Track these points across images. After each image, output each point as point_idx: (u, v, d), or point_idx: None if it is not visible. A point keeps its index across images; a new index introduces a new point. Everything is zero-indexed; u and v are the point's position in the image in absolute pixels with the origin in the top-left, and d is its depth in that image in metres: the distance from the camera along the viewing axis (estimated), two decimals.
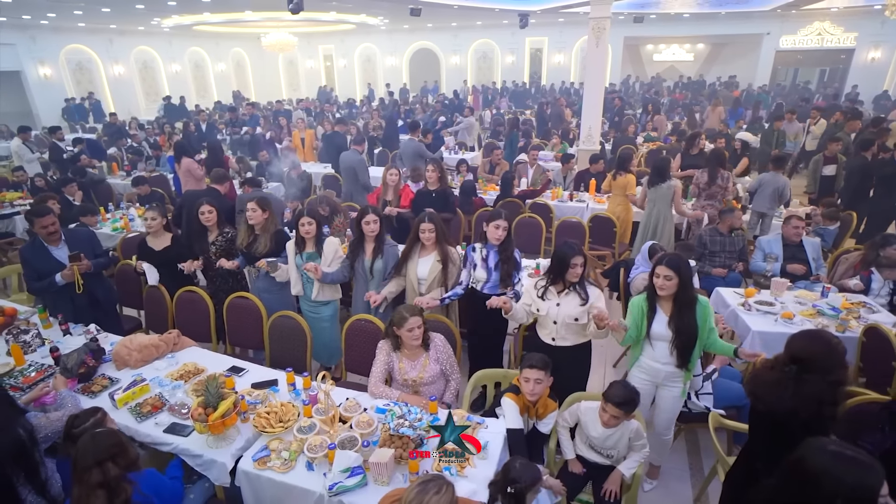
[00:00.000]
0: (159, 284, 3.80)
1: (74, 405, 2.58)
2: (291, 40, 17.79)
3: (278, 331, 3.39)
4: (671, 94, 18.97)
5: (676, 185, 5.16)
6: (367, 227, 3.45)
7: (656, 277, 2.60)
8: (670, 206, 5.19)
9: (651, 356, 2.73)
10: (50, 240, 3.47)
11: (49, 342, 3.21)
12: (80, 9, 12.04)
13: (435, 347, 2.84)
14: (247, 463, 2.29)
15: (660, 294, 2.60)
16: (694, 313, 2.57)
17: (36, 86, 15.25)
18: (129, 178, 7.93)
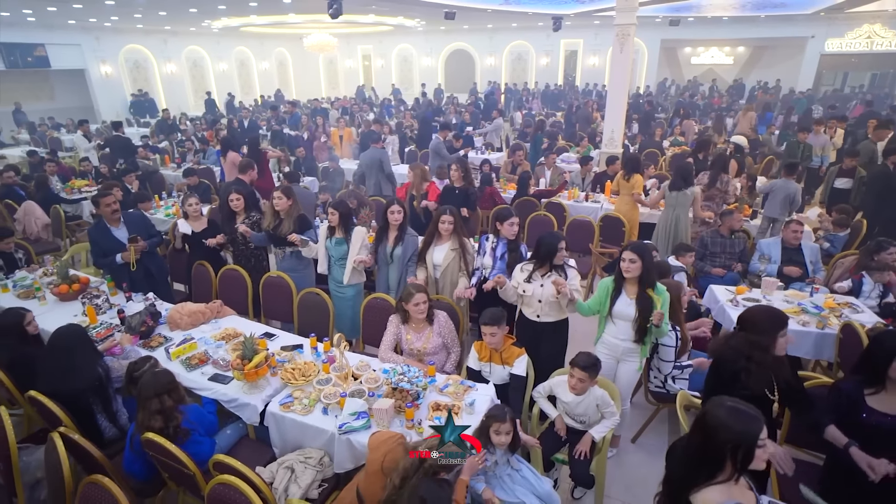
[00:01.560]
0: (204, 262, 4.37)
1: (136, 357, 3.12)
2: (332, 41, 18.51)
3: (305, 305, 3.89)
4: (707, 99, 18.73)
5: (697, 191, 5.38)
6: (392, 217, 3.89)
7: (622, 261, 2.95)
8: (689, 210, 5.42)
9: (612, 333, 3.10)
10: (111, 219, 4.09)
11: (116, 306, 3.80)
12: (139, 12, 13.02)
13: (438, 322, 3.26)
14: (274, 406, 2.77)
15: (626, 276, 2.94)
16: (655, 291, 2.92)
17: (98, 83, 16.48)
18: (179, 169, 8.68)
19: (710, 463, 1.61)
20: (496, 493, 2.46)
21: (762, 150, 10.03)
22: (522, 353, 3.03)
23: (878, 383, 2.19)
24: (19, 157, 10.04)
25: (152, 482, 2.66)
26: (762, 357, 2.19)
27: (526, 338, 3.42)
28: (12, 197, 6.58)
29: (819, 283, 4.36)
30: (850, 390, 2.25)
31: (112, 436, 2.85)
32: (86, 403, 2.75)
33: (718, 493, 1.57)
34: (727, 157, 5.86)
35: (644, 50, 21.21)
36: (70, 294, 3.95)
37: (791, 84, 19.13)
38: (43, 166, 7.89)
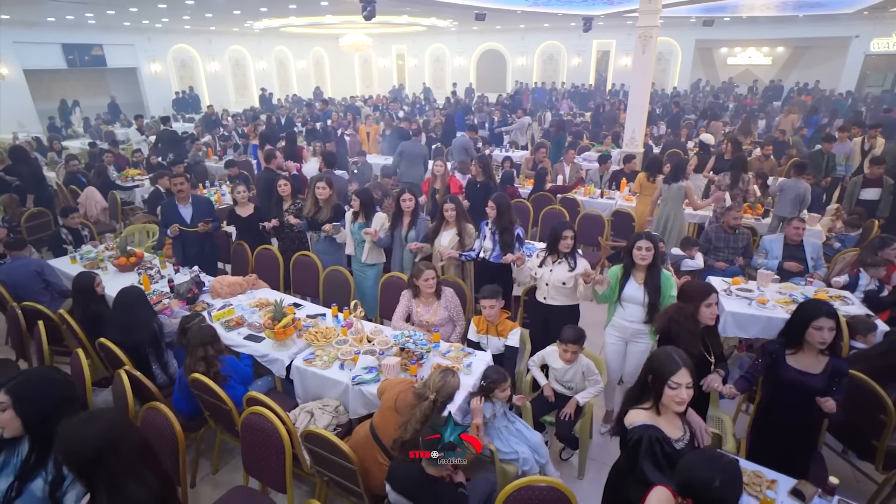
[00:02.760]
0: (242, 241, 4.88)
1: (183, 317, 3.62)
2: (367, 41, 19.12)
3: (330, 281, 4.35)
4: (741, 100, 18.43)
5: (687, 185, 5.59)
6: (404, 204, 4.32)
7: (638, 249, 3.22)
8: (681, 205, 5.63)
9: (622, 316, 3.37)
10: (179, 197, 4.66)
11: (166, 276, 4.34)
12: (188, 14, 13.87)
13: (445, 297, 3.64)
14: (298, 361, 3.21)
15: (640, 263, 3.23)
16: (660, 278, 3.21)
17: (148, 80, 17.55)
18: (220, 161, 9.34)
19: (639, 390, 1.95)
20: (493, 441, 2.83)
21: (789, 152, 9.97)
22: (516, 327, 3.38)
23: (797, 345, 2.51)
24: (78, 149, 10.96)
25: (196, 420, 3.14)
26: (688, 322, 2.52)
27: (536, 318, 3.78)
28: (76, 183, 7.31)
29: (817, 278, 4.53)
30: (774, 350, 2.59)
31: (163, 382, 3.35)
32: (143, 353, 3.26)
33: (638, 415, 1.91)
34: (745, 159, 6.01)
35: (677, 50, 21.01)
36: (128, 266, 4.52)
37: (832, 85, 18.61)
38: (101, 157, 8.66)
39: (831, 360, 2.49)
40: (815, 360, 2.50)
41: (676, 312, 2.59)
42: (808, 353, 2.51)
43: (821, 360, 2.50)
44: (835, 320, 2.41)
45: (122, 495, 1.50)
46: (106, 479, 1.50)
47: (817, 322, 2.42)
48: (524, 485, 2.11)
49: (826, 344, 2.44)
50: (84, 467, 1.50)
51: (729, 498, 1.48)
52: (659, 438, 1.86)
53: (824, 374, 2.48)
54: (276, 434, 2.46)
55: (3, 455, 1.78)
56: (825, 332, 2.41)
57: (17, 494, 1.70)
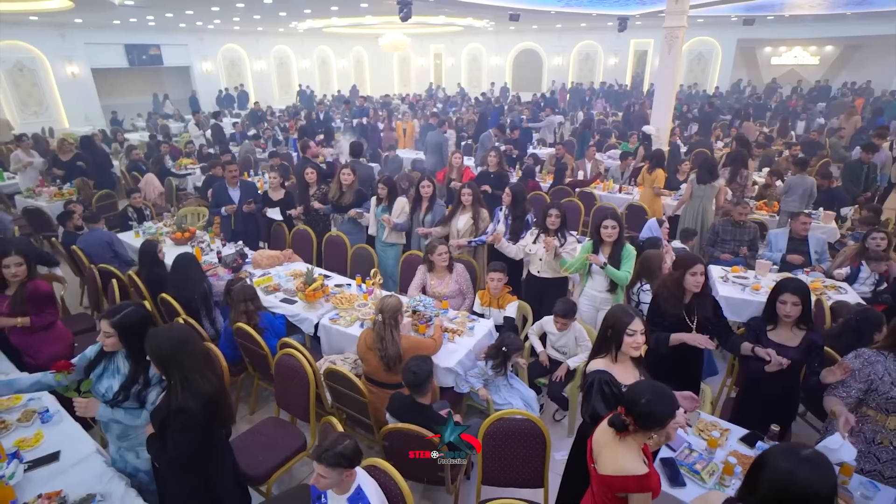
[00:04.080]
0: (282, 223, 5.44)
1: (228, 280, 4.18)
2: (404, 41, 19.70)
3: (357, 257, 4.87)
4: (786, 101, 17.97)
5: (721, 184, 5.81)
6: (423, 190, 4.78)
7: (604, 228, 3.63)
8: (713, 201, 5.85)
9: (591, 286, 3.81)
10: (230, 181, 5.28)
11: (215, 249, 4.94)
12: (237, 15, 14.78)
13: (456, 272, 4.07)
14: (325, 321, 3.71)
15: (607, 240, 3.63)
16: (621, 253, 3.59)
17: (199, 78, 18.69)
18: (264, 153, 10.06)
19: (600, 343, 2.32)
20: (491, 394, 3.24)
21: (820, 153, 9.88)
22: (514, 300, 3.79)
23: (773, 321, 2.78)
24: (138, 140, 11.96)
25: (237, 366, 3.68)
26: (674, 287, 2.84)
27: (531, 292, 4.17)
28: (137, 170, 8.13)
29: (819, 270, 4.71)
30: (756, 325, 2.87)
31: (211, 335, 3.91)
32: (194, 308, 3.83)
33: (595, 363, 2.27)
34: (745, 155, 6.18)
35: (718, 50, 20.64)
36: (182, 240, 5.16)
37: (886, 85, 17.89)
38: (159, 148, 9.50)
39: (808, 335, 2.72)
40: (792, 335, 2.74)
41: (666, 278, 2.93)
42: (784, 328, 2.76)
43: (797, 335, 2.74)
44: (800, 297, 2.66)
45: (190, 386, 2.01)
46: (179, 373, 2.01)
47: (782, 297, 2.70)
48: (503, 416, 2.52)
49: (791, 317, 2.69)
50: (164, 361, 2.01)
51: (655, 412, 1.79)
52: (608, 381, 2.20)
53: (801, 347, 2.71)
54: (303, 371, 2.95)
55: (104, 363, 2.35)
56: (788, 307, 2.67)
57: (123, 398, 2.26)
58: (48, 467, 2.36)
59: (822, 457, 1.41)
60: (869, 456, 2.43)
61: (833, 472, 1.41)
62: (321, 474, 1.91)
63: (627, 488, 1.78)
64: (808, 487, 1.36)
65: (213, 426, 2.11)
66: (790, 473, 1.38)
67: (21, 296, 3.11)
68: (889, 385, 2.33)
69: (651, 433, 1.79)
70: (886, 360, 2.39)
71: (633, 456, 1.79)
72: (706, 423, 2.66)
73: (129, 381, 2.25)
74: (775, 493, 1.39)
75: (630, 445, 1.80)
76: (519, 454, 2.52)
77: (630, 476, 1.76)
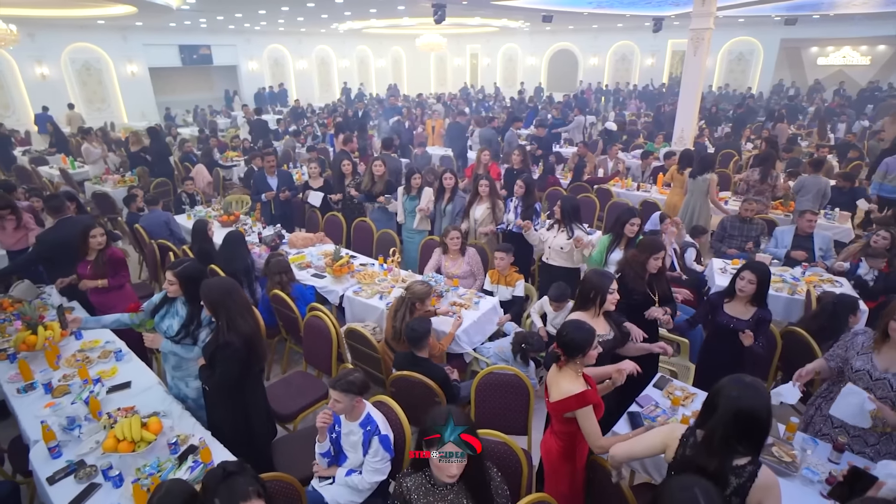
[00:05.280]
0: (317, 209, 6.00)
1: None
2: (441, 41, 20.16)
3: (381, 241, 5.36)
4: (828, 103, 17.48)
5: (711, 178, 6.01)
6: (446, 182, 5.22)
7: (631, 224, 3.95)
8: (706, 196, 6.05)
9: None
10: (269, 170, 5.88)
11: (256, 231, 5.53)
12: (283, 17, 15.61)
13: (468, 255, 4.49)
14: (349, 293, 4.21)
15: (629, 236, 3.96)
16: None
17: (245, 76, 19.73)
18: (303, 147, 10.74)
19: (583, 300, 2.71)
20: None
21: (851, 154, 9.76)
22: (521, 279, 4.18)
23: (730, 294, 3.14)
24: (189, 135, 12.90)
25: (272, 330, 4.22)
26: (637, 267, 3.22)
27: (545, 277, 4.55)
28: (189, 161, 8.91)
29: (821, 266, 4.87)
30: (714, 299, 3.24)
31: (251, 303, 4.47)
32: (238, 279, 4.37)
33: (579, 315, 2.66)
34: (774, 156, 6.32)
35: (759, 50, 20.20)
36: (228, 222, 5.79)
37: None
38: (208, 141, 10.31)
39: (758, 311, 3.08)
40: (745, 309, 3.10)
41: (631, 258, 3.29)
42: (738, 302, 3.12)
43: (749, 310, 3.09)
44: (757, 276, 3.01)
45: (234, 325, 2.51)
46: (225, 315, 2.52)
47: (742, 273, 3.08)
48: (493, 370, 2.93)
49: (744, 292, 3.05)
50: (214, 305, 2.53)
51: (575, 339, 2.19)
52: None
53: (751, 321, 3.06)
54: (327, 331, 3.45)
55: (167, 307, 2.91)
56: (745, 282, 3.04)
57: (183, 336, 2.81)
58: (122, 392, 2.93)
59: (760, 384, 1.80)
60: (827, 420, 2.69)
61: (767, 396, 1.78)
62: (336, 399, 2.38)
63: (570, 406, 2.18)
64: (752, 408, 1.72)
65: (250, 360, 2.61)
66: (738, 399, 1.74)
67: (101, 261, 3.73)
68: (854, 354, 2.57)
69: (577, 360, 2.21)
70: (866, 335, 2.63)
71: (571, 380, 2.21)
72: (674, 387, 2.99)
73: (187, 321, 2.79)
74: (726, 413, 1.75)
75: (567, 373, 2.23)
76: (506, 404, 2.93)
77: (570, 396, 2.17)
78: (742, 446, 1.76)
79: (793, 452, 2.44)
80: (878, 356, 2.44)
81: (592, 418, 2.18)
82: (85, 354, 3.24)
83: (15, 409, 2.83)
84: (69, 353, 3.26)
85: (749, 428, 1.74)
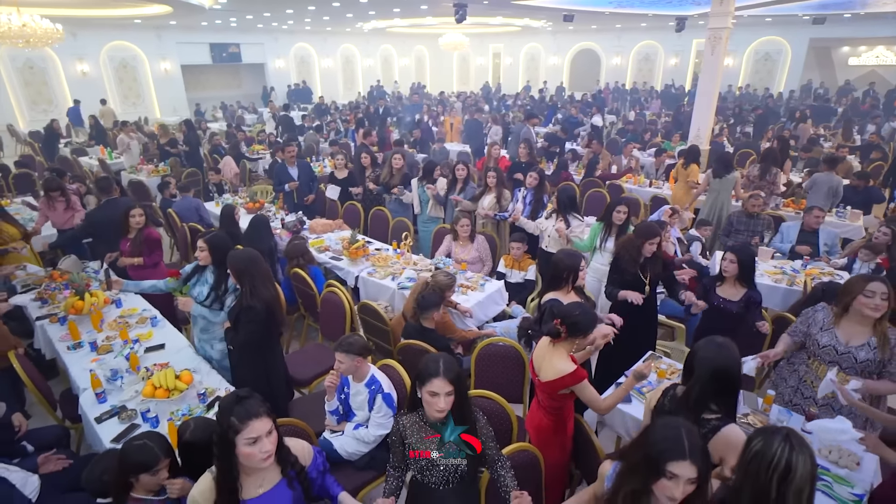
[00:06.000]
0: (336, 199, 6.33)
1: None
2: (463, 41, 20.39)
3: (396, 228, 5.64)
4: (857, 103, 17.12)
5: (736, 176, 6.12)
6: (458, 172, 5.49)
7: (618, 212, 4.14)
8: (730, 195, 6.16)
9: (598, 261, 4.32)
10: (289, 161, 6.22)
11: (279, 217, 5.87)
12: (309, 17, 16.07)
13: (478, 241, 4.74)
14: (364, 274, 4.50)
15: (616, 223, 4.14)
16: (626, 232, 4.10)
17: (272, 74, 20.30)
18: (325, 142, 11.12)
19: (555, 281, 2.93)
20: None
21: (874, 155, 9.65)
22: (533, 264, 4.44)
23: (722, 278, 3.35)
24: (218, 129, 13.45)
25: (292, 307, 4.54)
26: (632, 250, 3.40)
27: (543, 264, 4.76)
28: (217, 153, 9.37)
29: (824, 260, 4.96)
30: (707, 283, 3.44)
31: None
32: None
33: (554, 294, 2.88)
34: (777, 153, 6.39)
35: (787, 50, 19.85)
36: (254, 209, 6.14)
37: None
38: (236, 135, 10.78)
39: (747, 292, 3.27)
40: (735, 290, 3.31)
41: (627, 241, 3.49)
42: (728, 284, 3.33)
43: (739, 291, 3.29)
44: (738, 257, 3.24)
45: (256, 291, 2.81)
46: (249, 281, 2.82)
47: (724, 255, 3.32)
48: (492, 342, 3.17)
49: (728, 272, 3.28)
50: (239, 271, 2.83)
51: (582, 321, 2.36)
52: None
53: (741, 302, 3.26)
54: (342, 305, 3.74)
55: (197, 276, 3.24)
56: (727, 263, 3.28)
57: (212, 301, 3.14)
58: (157, 352, 3.27)
59: (730, 343, 2.00)
60: (798, 392, 2.85)
61: (737, 355, 1.98)
62: (339, 360, 2.65)
63: (567, 383, 2.38)
64: (726, 367, 1.93)
65: (269, 323, 2.91)
66: (713, 360, 1.94)
67: (139, 240, 4.11)
68: (818, 329, 2.74)
69: (576, 339, 2.40)
70: (827, 311, 2.79)
71: (564, 359, 2.40)
72: (662, 362, 3.18)
73: (215, 286, 3.11)
74: (704, 372, 1.94)
75: (560, 352, 2.41)
76: (503, 373, 3.16)
77: (566, 374, 2.36)
78: (715, 403, 1.97)
79: (767, 422, 2.63)
80: (839, 330, 2.62)
81: (590, 388, 2.41)
82: (125, 320, 3.60)
83: (66, 363, 3.19)
84: (111, 319, 3.63)
85: (724, 386, 1.95)
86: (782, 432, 1.51)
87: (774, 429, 1.55)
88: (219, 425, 1.65)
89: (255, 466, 1.69)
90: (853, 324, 2.58)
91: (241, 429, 1.61)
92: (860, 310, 2.52)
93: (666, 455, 1.45)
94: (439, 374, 1.84)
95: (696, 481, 1.44)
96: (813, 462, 1.47)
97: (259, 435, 1.63)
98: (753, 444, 1.54)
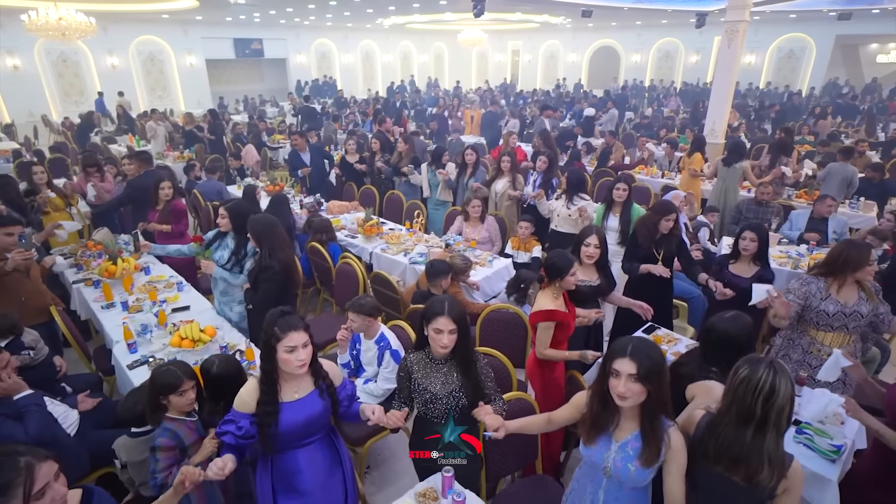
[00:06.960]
0: (352, 182, 6.55)
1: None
2: (482, 37, 20.49)
3: (410, 210, 5.83)
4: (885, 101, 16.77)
5: (745, 165, 6.17)
6: (467, 157, 5.66)
7: (616, 189, 4.26)
8: (738, 182, 6.21)
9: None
10: (302, 148, 6.47)
11: (298, 199, 6.11)
12: (331, 13, 16.38)
13: (488, 222, 4.90)
14: (377, 250, 4.69)
15: (617, 200, 4.26)
16: (630, 212, 4.20)
17: (293, 69, 20.70)
18: (343, 133, 11.39)
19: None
20: None
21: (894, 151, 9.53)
22: (538, 245, 4.58)
23: (736, 256, 3.47)
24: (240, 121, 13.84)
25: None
26: (649, 227, 3.52)
27: (553, 244, 4.90)
28: (239, 141, 9.68)
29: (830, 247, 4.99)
30: (720, 260, 3.58)
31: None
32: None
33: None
34: (787, 144, 6.41)
35: (812, 47, 19.50)
36: (274, 192, 6.37)
37: None
38: (257, 126, 11.11)
39: (759, 270, 3.39)
40: (748, 268, 3.45)
41: (645, 218, 3.62)
42: (742, 262, 3.46)
43: (752, 269, 3.43)
44: (757, 234, 3.35)
45: (274, 253, 3.03)
46: (267, 244, 3.04)
47: (743, 234, 3.41)
48: (495, 308, 3.33)
49: (748, 251, 3.38)
50: (258, 235, 3.05)
51: (556, 263, 2.58)
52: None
53: (753, 278, 3.35)
54: (355, 275, 3.95)
55: (219, 241, 3.47)
56: (747, 241, 3.38)
57: (232, 264, 3.36)
58: (182, 313, 3.50)
59: (742, 315, 2.25)
60: (804, 364, 2.95)
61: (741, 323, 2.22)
62: (351, 319, 2.84)
63: (539, 319, 2.60)
64: (737, 335, 2.18)
65: (286, 284, 3.12)
66: (726, 331, 2.20)
67: (167, 210, 4.39)
68: (819, 301, 2.84)
69: (556, 282, 2.60)
70: (818, 282, 2.89)
71: (548, 299, 2.62)
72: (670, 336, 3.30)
73: (236, 251, 3.34)
74: (719, 340, 2.21)
75: (546, 294, 2.64)
76: (506, 338, 3.32)
77: (541, 310, 2.59)
78: (717, 364, 2.16)
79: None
80: (840, 296, 2.73)
81: (549, 332, 2.61)
82: (153, 285, 3.86)
83: (100, 321, 3.45)
84: (140, 283, 3.89)
85: (720, 347, 2.18)
86: (766, 359, 1.65)
87: (758, 357, 1.68)
88: (263, 333, 1.86)
89: (292, 372, 1.89)
90: (847, 287, 2.74)
91: (282, 337, 1.82)
92: (861, 277, 2.68)
93: (612, 355, 1.68)
94: (444, 312, 2.01)
95: (637, 378, 1.61)
96: (792, 384, 1.63)
97: (296, 345, 1.83)
98: (740, 371, 1.67)
